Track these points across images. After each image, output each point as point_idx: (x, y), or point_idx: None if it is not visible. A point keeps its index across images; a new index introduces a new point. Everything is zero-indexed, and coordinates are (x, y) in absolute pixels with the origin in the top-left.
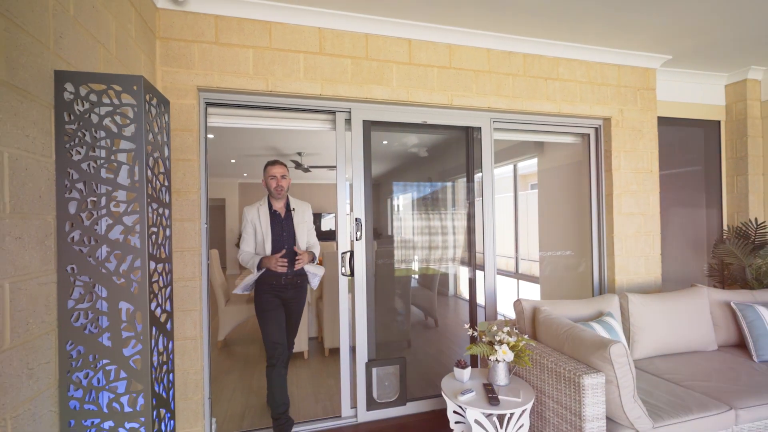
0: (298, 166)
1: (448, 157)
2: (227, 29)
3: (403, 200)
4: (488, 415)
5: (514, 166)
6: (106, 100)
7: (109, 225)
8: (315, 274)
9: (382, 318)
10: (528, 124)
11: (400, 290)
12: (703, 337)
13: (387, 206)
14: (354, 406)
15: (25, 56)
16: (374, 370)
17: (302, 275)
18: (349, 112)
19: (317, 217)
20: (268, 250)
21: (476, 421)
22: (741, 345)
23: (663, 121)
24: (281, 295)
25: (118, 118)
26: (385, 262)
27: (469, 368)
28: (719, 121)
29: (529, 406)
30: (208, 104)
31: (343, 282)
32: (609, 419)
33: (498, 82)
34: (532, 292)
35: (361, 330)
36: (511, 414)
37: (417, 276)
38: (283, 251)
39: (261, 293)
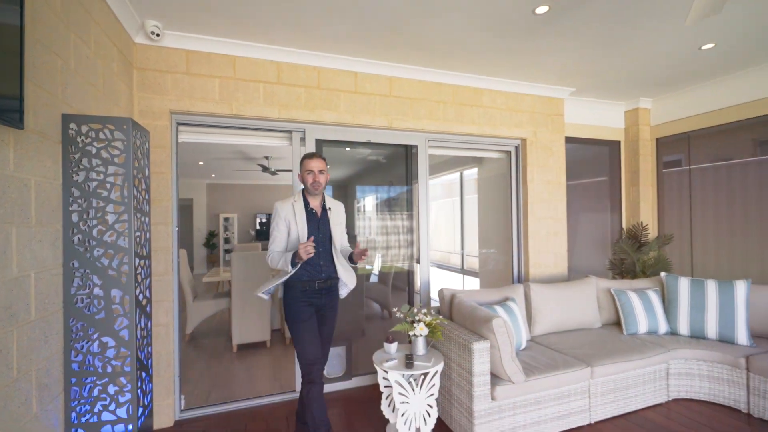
0: (265, 169)
1: (400, 165)
2: (197, 62)
3: (362, 203)
4: (409, 378)
5: (461, 174)
6: (101, 136)
7: (100, 230)
8: (346, 284)
9: (340, 310)
10: (458, 142)
11: (357, 285)
12: (590, 317)
13: (350, 208)
14: None
15: (45, 108)
16: None
17: (336, 279)
18: (304, 131)
19: None
20: None
21: (396, 382)
22: (618, 322)
23: (576, 141)
24: (315, 302)
25: (110, 149)
26: None
27: (396, 343)
28: (620, 141)
29: (438, 368)
30: (180, 124)
31: None
32: (493, 375)
33: (431, 108)
34: (473, 285)
35: None
36: (425, 375)
37: (376, 273)
38: (311, 239)
39: (292, 301)
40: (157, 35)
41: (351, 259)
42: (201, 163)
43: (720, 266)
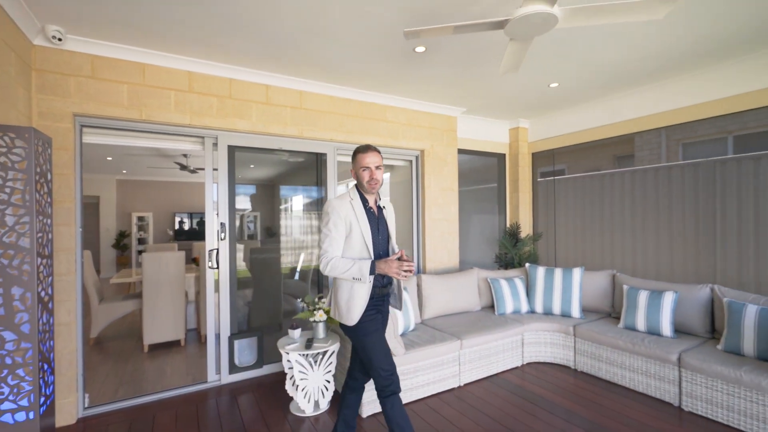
0: (183, 168)
1: (315, 169)
2: (102, 67)
3: (289, 203)
4: (308, 358)
5: None
6: (1, 143)
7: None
8: (393, 292)
9: (258, 305)
10: None
11: (275, 282)
12: (471, 302)
13: (271, 207)
14: (219, 372)
15: None
16: (236, 342)
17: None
18: (216, 138)
19: (199, 216)
20: (371, 255)
21: (296, 361)
22: (493, 305)
23: (468, 152)
24: (381, 309)
25: (10, 155)
26: (260, 257)
27: (299, 329)
28: (505, 154)
29: (335, 348)
30: (84, 126)
31: (210, 274)
32: None
33: (339, 121)
34: None
35: (224, 311)
36: (323, 354)
37: (299, 270)
38: (400, 252)
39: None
40: (59, 39)
41: None
42: (109, 158)
43: (579, 257)
